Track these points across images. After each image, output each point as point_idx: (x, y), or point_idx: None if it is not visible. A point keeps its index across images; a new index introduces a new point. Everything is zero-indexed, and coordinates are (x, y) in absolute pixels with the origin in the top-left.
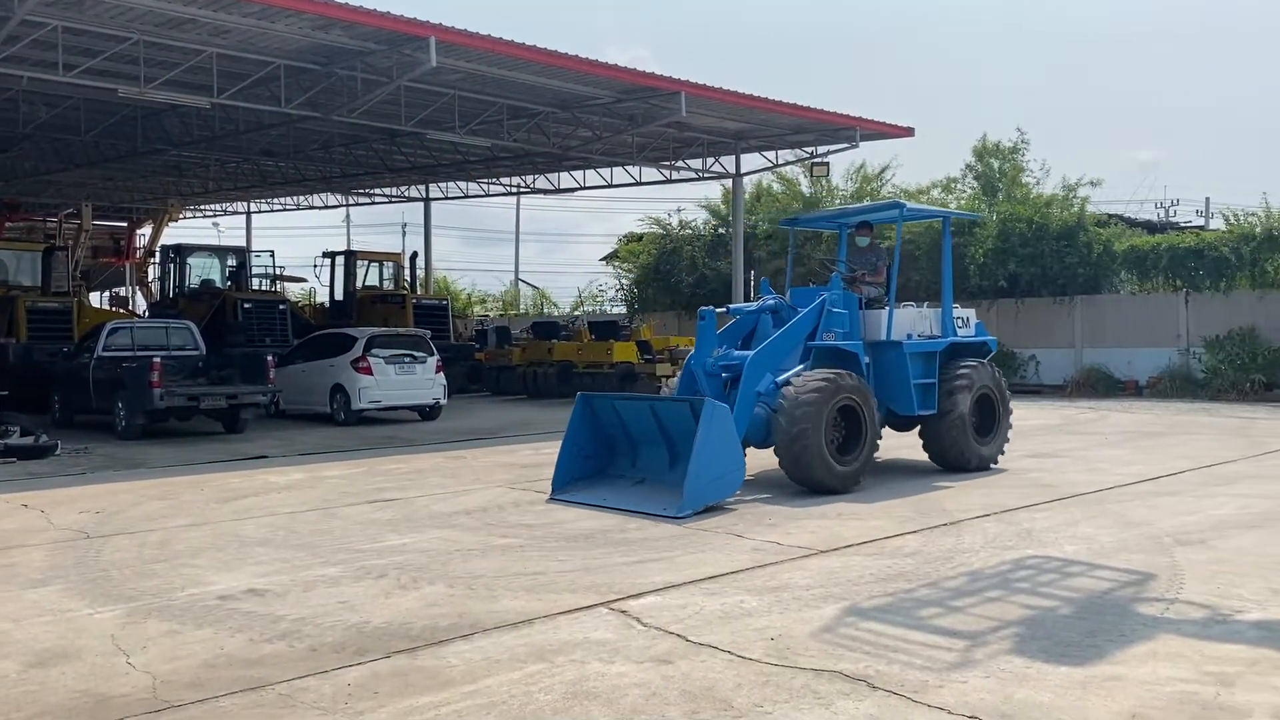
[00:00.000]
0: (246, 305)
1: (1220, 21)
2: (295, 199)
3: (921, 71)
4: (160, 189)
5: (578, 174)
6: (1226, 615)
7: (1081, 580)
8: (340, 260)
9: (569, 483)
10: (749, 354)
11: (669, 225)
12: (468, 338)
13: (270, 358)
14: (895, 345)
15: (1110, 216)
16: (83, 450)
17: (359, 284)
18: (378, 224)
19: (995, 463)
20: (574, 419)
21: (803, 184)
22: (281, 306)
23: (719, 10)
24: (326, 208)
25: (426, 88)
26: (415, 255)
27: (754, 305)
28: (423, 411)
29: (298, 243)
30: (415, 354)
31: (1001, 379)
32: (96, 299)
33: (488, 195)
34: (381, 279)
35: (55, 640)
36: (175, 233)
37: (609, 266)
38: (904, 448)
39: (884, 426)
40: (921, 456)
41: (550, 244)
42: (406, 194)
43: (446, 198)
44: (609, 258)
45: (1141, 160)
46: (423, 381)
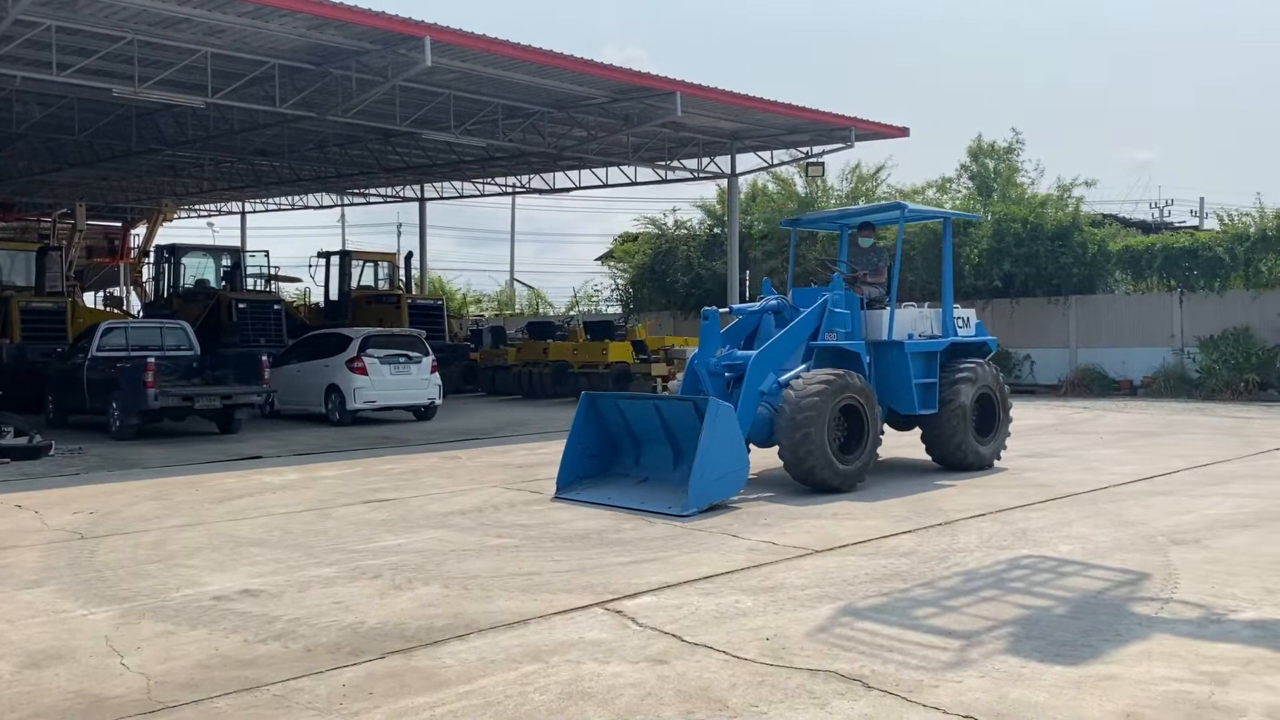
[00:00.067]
0: (241, 305)
1: (1215, 22)
2: (290, 199)
3: (917, 72)
4: (155, 189)
5: (573, 174)
6: (1221, 615)
7: (1076, 580)
8: (335, 260)
9: (573, 481)
10: (752, 353)
11: (664, 225)
12: (463, 338)
13: (265, 358)
14: (897, 345)
15: (1105, 216)
16: (77, 451)
17: (354, 284)
18: (373, 224)
19: (995, 462)
20: (578, 418)
21: (798, 184)
22: (276, 306)
23: (715, 10)
24: (321, 207)
25: (421, 87)
26: (410, 255)
27: (757, 305)
28: (418, 412)
29: (293, 243)
30: (410, 354)
31: (1001, 379)
32: (91, 299)
33: (483, 195)
34: (376, 279)
35: (49, 641)
36: (170, 233)
37: (604, 266)
38: (904, 447)
39: (885, 425)
40: (921, 456)
41: (546, 244)
42: (401, 194)
43: (442, 198)
44: (604, 258)
45: (1136, 160)
46: (418, 382)
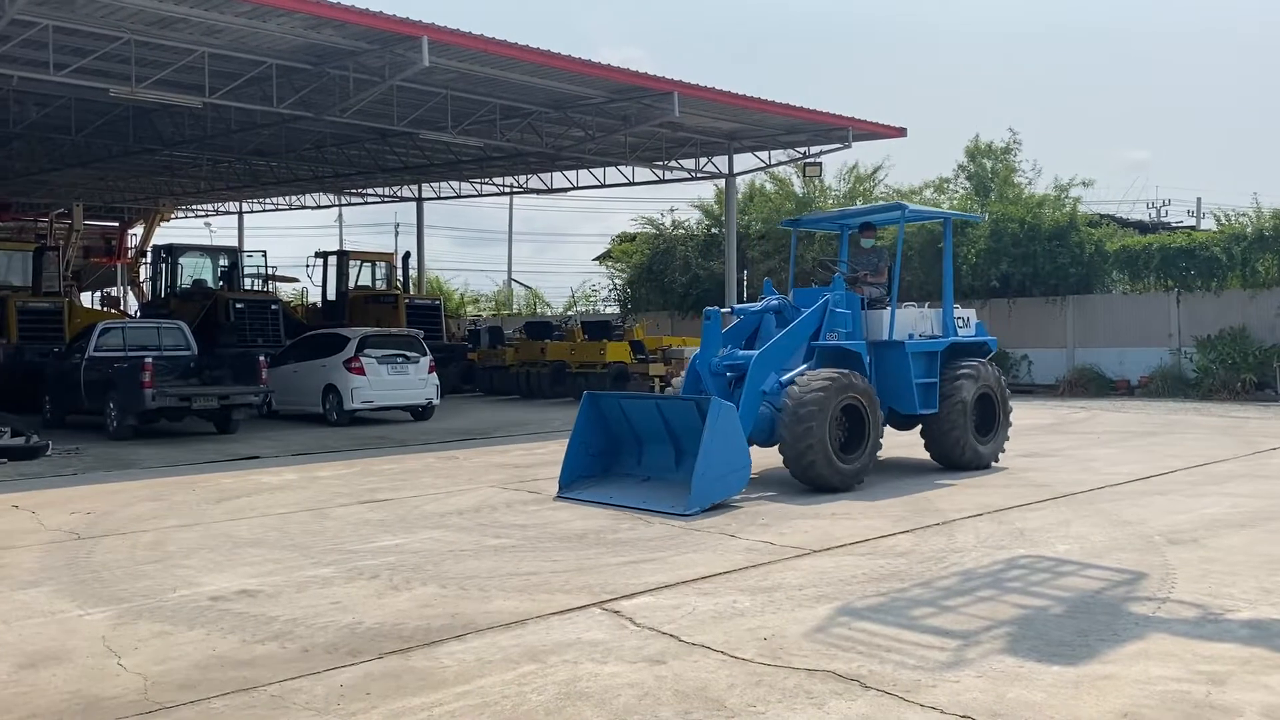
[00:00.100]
0: (238, 305)
1: (1212, 22)
2: (287, 199)
3: (914, 72)
4: (152, 189)
5: (571, 174)
6: (1218, 614)
7: (1073, 580)
8: (333, 260)
9: (576, 481)
10: (754, 353)
11: (662, 225)
12: (460, 338)
13: (262, 358)
14: (897, 345)
15: (1102, 216)
16: (74, 451)
17: (351, 284)
18: (370, 224)
19: (996, 461)
20: (580, 417)
21: (795, 184)
22: (274, 307)
23: (711, 11)
24: (319, 207)
25: (419, 87)
26: (408, 255)
27: (758, 305)
28: (415, 412)
29: (290, 243)
30: (408, 354)
31: (1002, 379)
32: (88, 299)
33: (480, 195)
34: (374, 279)
35: (46, 642)
36: (167, 232)
37: (602, 266)
38: (903, 447)
39: (885, 425)
40: (920, 455)
41: (543, 244)
42: (399, 194)
43: (439, 197)
44: (602, 258)
45: (1133, 160)
46: (415, 382)
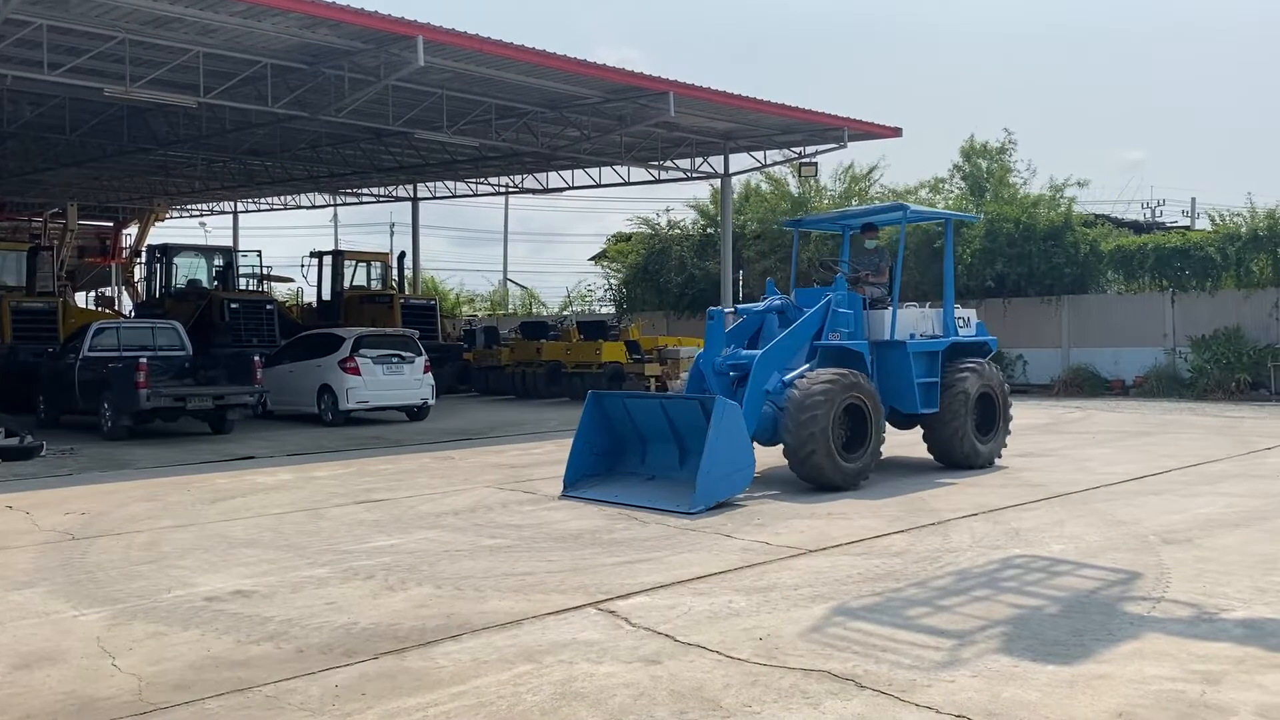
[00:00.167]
0: (233, 305)
1: (1208, 22)
2: (282, 199)
3: (909, 72)
4: (146, 188)
5: (566, 174)
6: (1212, 614)
7: (1068, 579)
8: (328, 260)
9: (580, 480)
10: (757, 353)
11: (658, 225)
12: (456, 338)
13: (257, 358)
14: (899, 345)
15: (1097, 217)
16: (68, 451)
17: (346, 284)
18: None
19: (996, 460)
20: (585, 417)
21: (791, 184)
22: (269, 306)
23: (708, 11)
24: (314, 207)
25: (414, 87)
26: (403, 255)
27: (761, 305)
28: (411, 412)
29: (285, 242)
30: (403, 354)
31: (1002, 378)
32: (82, 299)
33: (476, 195)
34: (369, 279)
35: (40, 642)
36: (161, 232)
37: (597, 266)
38: (903, 446)
39: (886, 424)
40: (920, 454)
41: (539, 244)
42: (394, 194)
43: (434, 197)
44: (597, 258)
45: (1128, 160)
46: (410, 382)
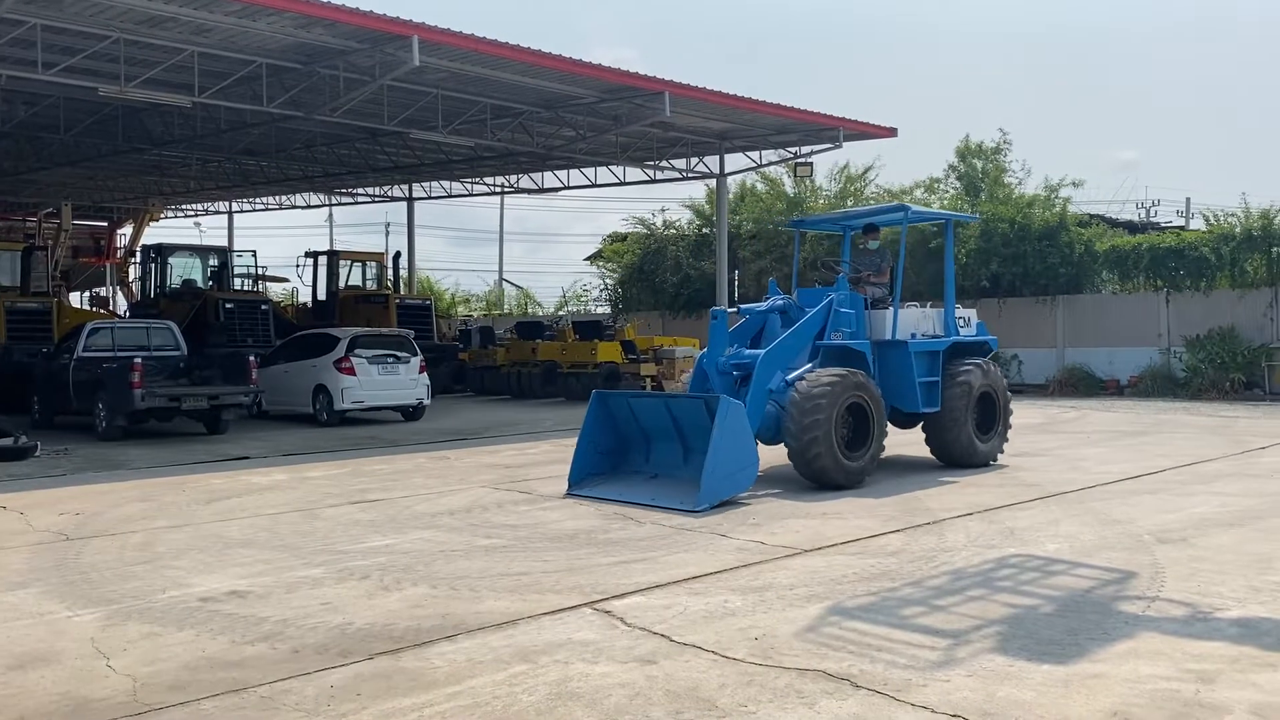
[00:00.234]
0: (228, 305)
1: (1203, 22)
2: (278, 198)
3: (904, 71)
4: (141, 188)
5: (562, 174)
6: (1207, 613)
7: (1063, 579)
8: (323, 260)
9: (585, 478)
10: (760, 353)
11: (653, 225)
12: (451, 338)
13: (252, 358)
14: (900, 344)
15: (1092, 217)
16: (63, 451)
17: (342, 284)
18: (361, 224)
19: (996, 459)
20: (589, 416)
21: (786, 184)
22: (264, 306)
23: (705, 11)
24: (309, 207)
25: (409, 87)
26: (398, 255)
27: (764, 305)
28: (406, 412)
29: (280, 242)
30: (398, 354)
31: (1002, 377)
32: (77, 299)
33: (471, 195)
34: (364, 279)
35: (34, 643)
36: (156, 232)
37: (593, 266)
38: (903, 445)
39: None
40: (919, 453)
41: (534, 244)
42: (390, 193)
43: (430, 197)
44: (593, 257)
45: (1122, 160)
46: (406, 382)
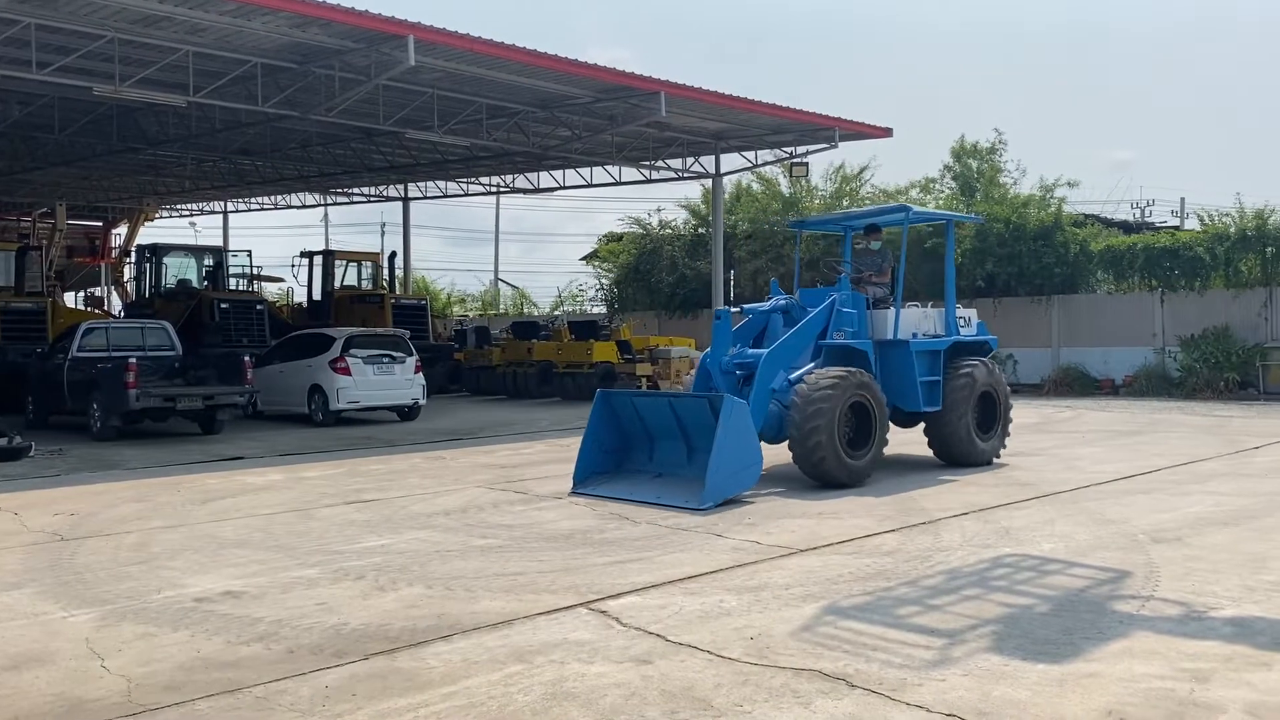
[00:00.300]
0: (223, 305)
1: (1200, 21)
2: (273, 198)
3: (898, 72)
4: (136, 188)
5: (557, 173)
6: (1201, 612)
7: (1058, 578)
8: (318, 260)
9: (589, 477)
10: (763, 352)
11: (649, 225)
12: (447, 338)
13: (247, 358)
14: (901, 344)
15: (1087, 216)
16: (57, 452)
17: (337, 284)
18: (356, 223)
19: (996, 458)
20: (594, 415)
21: (782, 184)
22: (259, 306)
23: (702, 11)
24: (304, 207)
25: (405, 86)
26: (394, 255)
27: (766, 305)
28: (401, 412)
29: (275, 242)
30: (394, 354)
31: (1002, 377)
32: (71, 299)
33: (467, 195)
34: (360, 279)
35: (29, 644)
36: (151, 232)
37: (589, 266)
38: (902, 444)
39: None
40: (915, 452)
41: (530, 244)
42: (385, 193)
43: (425, 197)
44: (589, 257)
45: (1117, 160)
46: (401, 382)
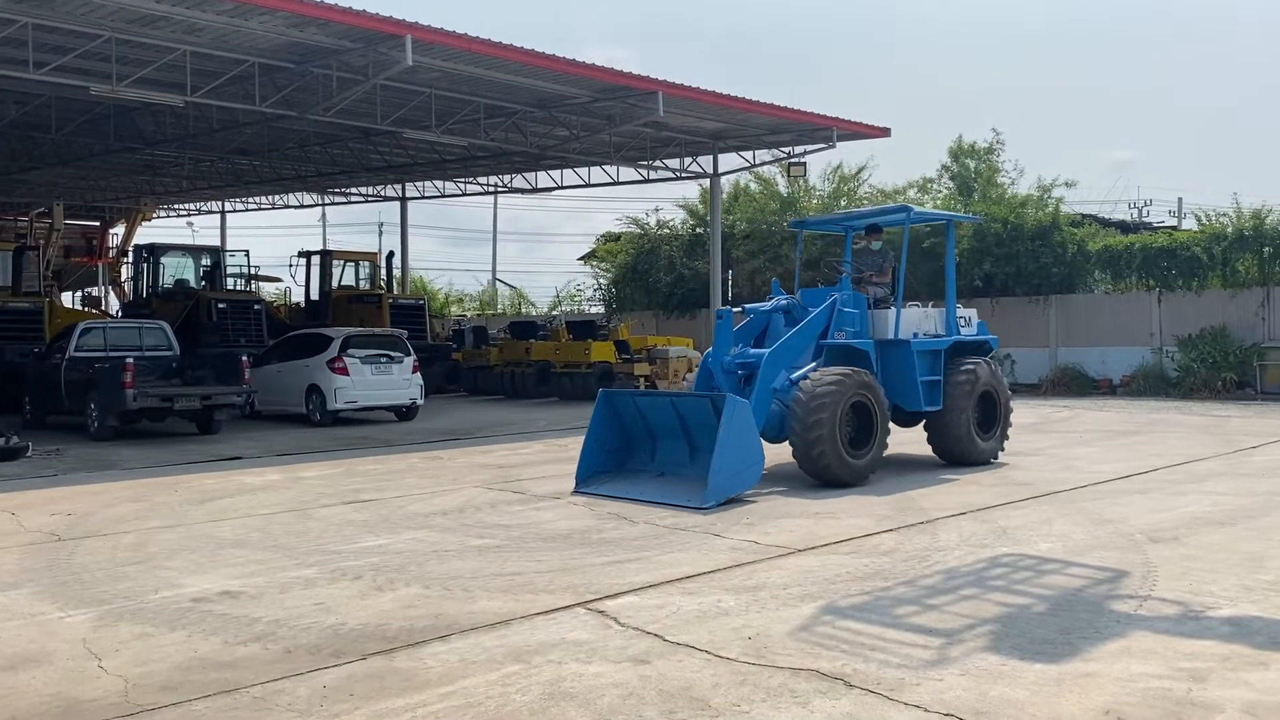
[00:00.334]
0: (221, 305)
1: (1196, 22)
2: (270, 198)
3: (896, 72)
4: (133, 188)
5: (555, 173)
6: (1199, 612)
7: (1056, 578)
8: (316, 260)
9: (591, 476)
10: (764, 352)
11: (647, 225)
12: (445, 338)
13: (245, 358)
14: (902, 344)
15: (1084, 216)
16: (55, 452)
17: (335, 284)
18: (354, 223)
19: (997, 457)
20: (596, 415)
21: (780, 184)
22: (256, 306)
23: (697, 11)
24: (302, 207)
25: (403, 86)
26: (391, 255)
27: (768, 305)
28: (399, 412)
29: (273, 242)
30: (391, 354)
31: (1002, 376)
32: (69, 299)
33: (464, 195)
34: (357, 279)
35: (26, 644)
36: (149, 232)
37: (587, 266)
38: (902, 444)
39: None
40: (914, 451)
41: (528, 243)
42: (383, 193)
43: (423, 197)
44: (587, 257)
45: (1116, 160)
46: (399, 381)
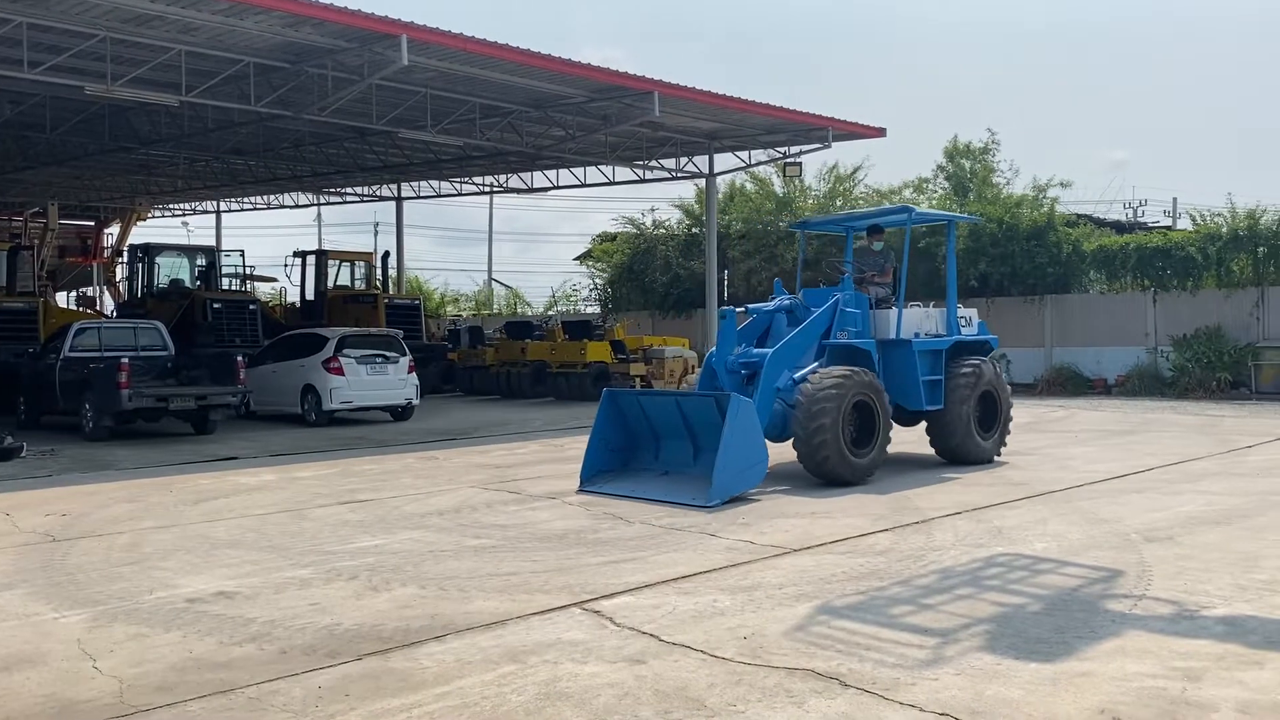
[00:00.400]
0: (216, 305)
1: (1194, 22)
2: (266, 198)
3: (894, 72)
4: (128, 187)
5: (551, 173)
6: (1193, 611)
7: (1051, 577)
8: (311, 260)
9: (596, 475)
10: (767, 351)
11: (643, 225)
12: (440, 338)
13: (240, 358)
14: (904, 343)
15: (1079, 216)
16: (49, 452)
17: (330, 284)
18: (349, 223)
19: (997, 456)
20: (600, 414)
21: (776, 184)
22: (252, 306)
23: (693, 10)
24: (297, 207)
25: (398, 86)
26: (387, 255)
27: (770, 305)
28: (395, 412)
29: (268, 242)
30: (387, 354)
31: (1003, 376)
32: (63, 299)
33: (460, 194)
34: (353, 279)
35: (20, 645)
36: (143, 232)
37: (583, 266)
38: (903, 443)
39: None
40: (913, 450)
41: (524, 243)
42: (378, 193)
43: (419, 197)
44: (583, 257)
45: (1111, 160)
46: (395, 382)
